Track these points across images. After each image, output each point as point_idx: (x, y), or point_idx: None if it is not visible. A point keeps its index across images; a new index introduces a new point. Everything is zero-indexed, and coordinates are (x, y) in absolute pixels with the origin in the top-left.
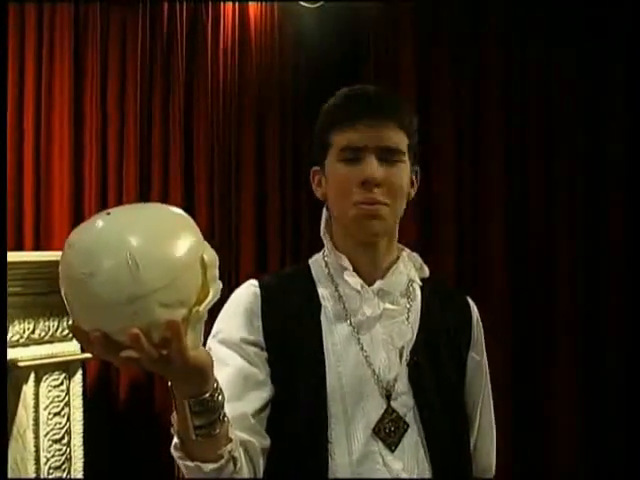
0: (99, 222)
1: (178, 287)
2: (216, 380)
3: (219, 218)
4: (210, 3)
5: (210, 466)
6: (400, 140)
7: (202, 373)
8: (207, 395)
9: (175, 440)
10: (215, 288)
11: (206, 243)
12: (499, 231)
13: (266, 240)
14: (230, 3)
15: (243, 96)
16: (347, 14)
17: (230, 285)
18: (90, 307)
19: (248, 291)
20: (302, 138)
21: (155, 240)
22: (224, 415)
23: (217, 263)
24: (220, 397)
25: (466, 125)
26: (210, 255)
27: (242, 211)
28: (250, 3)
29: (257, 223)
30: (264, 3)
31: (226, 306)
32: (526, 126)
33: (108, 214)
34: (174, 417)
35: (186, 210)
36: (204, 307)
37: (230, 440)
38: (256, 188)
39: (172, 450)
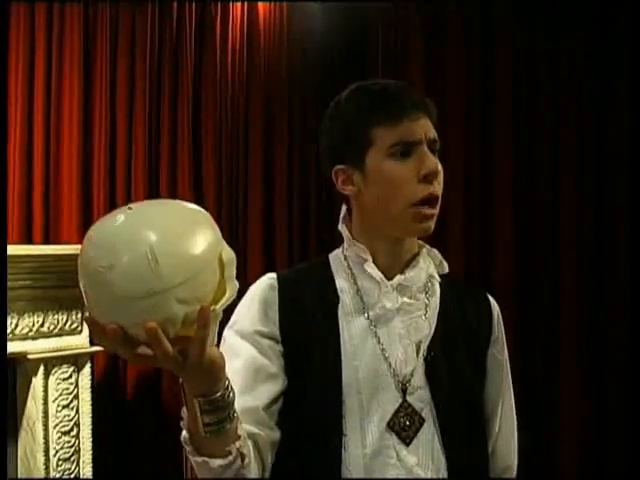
0: (120, 216)
1: (196, 284)
2: (227, 379)
3: (227, 215)
4: (219, 2)
5: (218, 462)
6: (435, 131)
7: (214, 372)
8: (218, 394)
9: (184, 434)
10: (232, 287)
11: (224, 242)
12: (506, 229)
13: (274, 237)
14: (239, 2)
15: (251, 94)
16: (355, 12)
17: (238, 282)
18: (107, 300)
19: (265, 283)
20: (310, 136)
21: (175, 236)
22: (233, 412)
23: (235, 262)
24: (231, 396)
25: (475, 123)
26: (228, 254)
27: (249, 208)
28: (259, 2)
29: (265, 221)
30: (272, 2)
31: (244, 298)
32: (535, 126)
33: (130, 209)
34: (184, 412)
35: None
36: (220, 306)
37: (239, 437)
38: (264, 186)
39: (182, 442)
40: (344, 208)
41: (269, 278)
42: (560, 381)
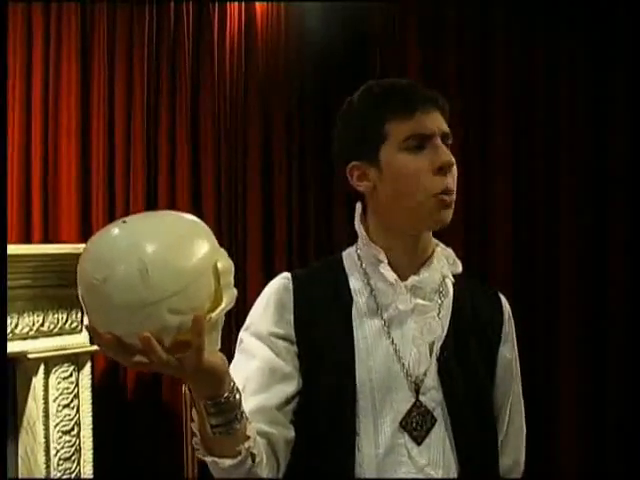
0: (114, 230)
1: (189, 294)
2: (233, 381)
3: (226, 215)
4: (217, 2)
5: (228, 462)
6: (446, 125)
7: (216, 377)
8: (223, 397)
9: (196, 435)
10: (229, 295)
11: (222, 250)
12: (506, 229)
13: (273, 240)
14: (236, 2)
15: (249, 95)
16: (353, 11)
17: (237, 284)
18: (103, 311)
19: (280, 284)
20: (309, 135)
21: (167, 247)
22: (241, 413)
23: (232, 271)
24: (237, 397)
25: (474, 123)
26: (225, 262)
27: (248, 211)
28: (256, 2)
29: (264, 223)
30: (270, 2)
31: (259, 299)
32: (532, 127)
33: (124, 222)
34: (194, 413)
35: (192, 209)
36: (217, 314)
37: (248, 437)
38: (263, 187)
39: (193, 443)
40: (359, 206)
41: (283, 278)
42: (560, 381)
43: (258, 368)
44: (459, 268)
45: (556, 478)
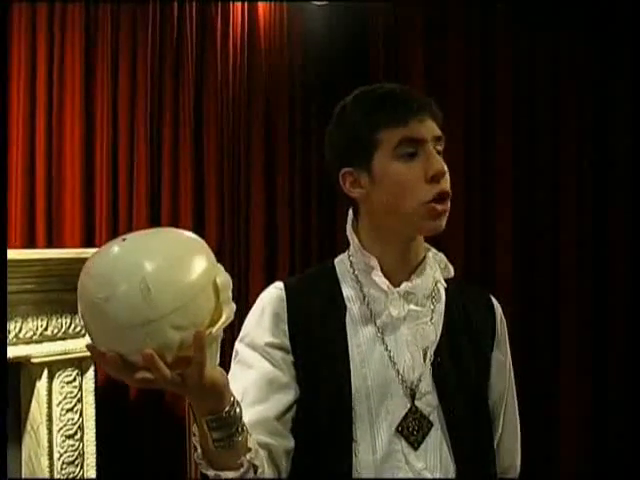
0: (114, 248)
1: (190, 310)
2: (232, 394)
3: (229, 218)
4: (220, 2)
5: (230, 474)
6: (440, 132)
7: (217, 392)
8: (223, 412)
9: (197, 450)
10: (228, 310)
11: (219, 266)
12: (506, 229)
13: (276, 241)
14: (239, 2)
15: (252, 95)
16: (356, 12)
17: (240, 292)
18: (105, 330)
19: (274, 294)
20: (312, 136)
21: (167, 265)
22: (242, 426)
23: (230, 286)
24: (237, 411)
25: (475, 123)
26: (223, 278)
27: (251, 212)
28: (259, 2)
29: (267, 224)
30: (273, 2)
31: (253, 309)
32: (533, 128)
33: (123, 240)
34: (195, 429)
35: (195, 210)
36: (217, 329)
37: (249, 449)
38: (266, 187)
39: (195, 458)
40: (350, 213)
41: (277, 288)
42: (560, 381)
43: (255, 379)
44: (451, 273)
45: (556, 478)
